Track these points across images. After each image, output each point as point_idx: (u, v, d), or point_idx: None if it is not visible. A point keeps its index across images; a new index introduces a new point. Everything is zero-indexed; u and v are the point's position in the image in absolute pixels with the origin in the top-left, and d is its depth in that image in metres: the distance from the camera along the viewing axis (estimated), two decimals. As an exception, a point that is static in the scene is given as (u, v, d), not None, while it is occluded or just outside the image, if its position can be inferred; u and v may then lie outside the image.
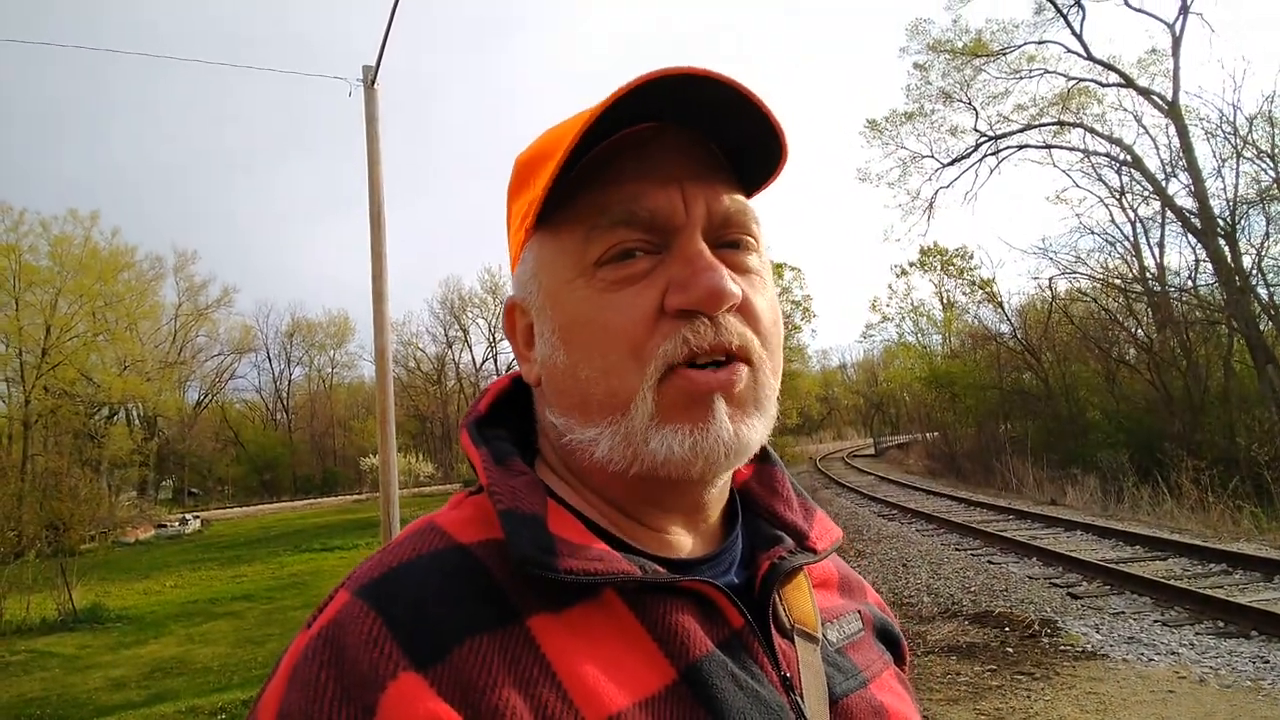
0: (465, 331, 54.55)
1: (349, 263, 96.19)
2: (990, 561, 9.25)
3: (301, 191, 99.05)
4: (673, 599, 0.56)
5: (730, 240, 0.59)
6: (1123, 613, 6.63)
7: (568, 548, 0.53)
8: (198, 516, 32.17)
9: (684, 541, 0.62)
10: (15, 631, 10.76)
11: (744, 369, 0.57)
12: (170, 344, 48.45)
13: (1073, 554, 8.89)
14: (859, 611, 0.72)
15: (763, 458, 0.74)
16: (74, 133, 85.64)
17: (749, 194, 0.63)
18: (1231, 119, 19.34)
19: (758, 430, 0.58)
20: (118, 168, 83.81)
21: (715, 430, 0.55)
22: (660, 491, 0.59)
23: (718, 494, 0.64)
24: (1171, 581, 7.25)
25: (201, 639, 10.08)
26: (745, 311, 0.58)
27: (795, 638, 0.62)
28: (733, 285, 0.55)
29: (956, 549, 10.33)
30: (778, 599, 0.63)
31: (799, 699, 0.57)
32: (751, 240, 0.61)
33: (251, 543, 23.37)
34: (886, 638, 0.75)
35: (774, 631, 0.60)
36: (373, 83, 9.49)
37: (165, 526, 28.90)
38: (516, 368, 0.69)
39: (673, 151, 0.58)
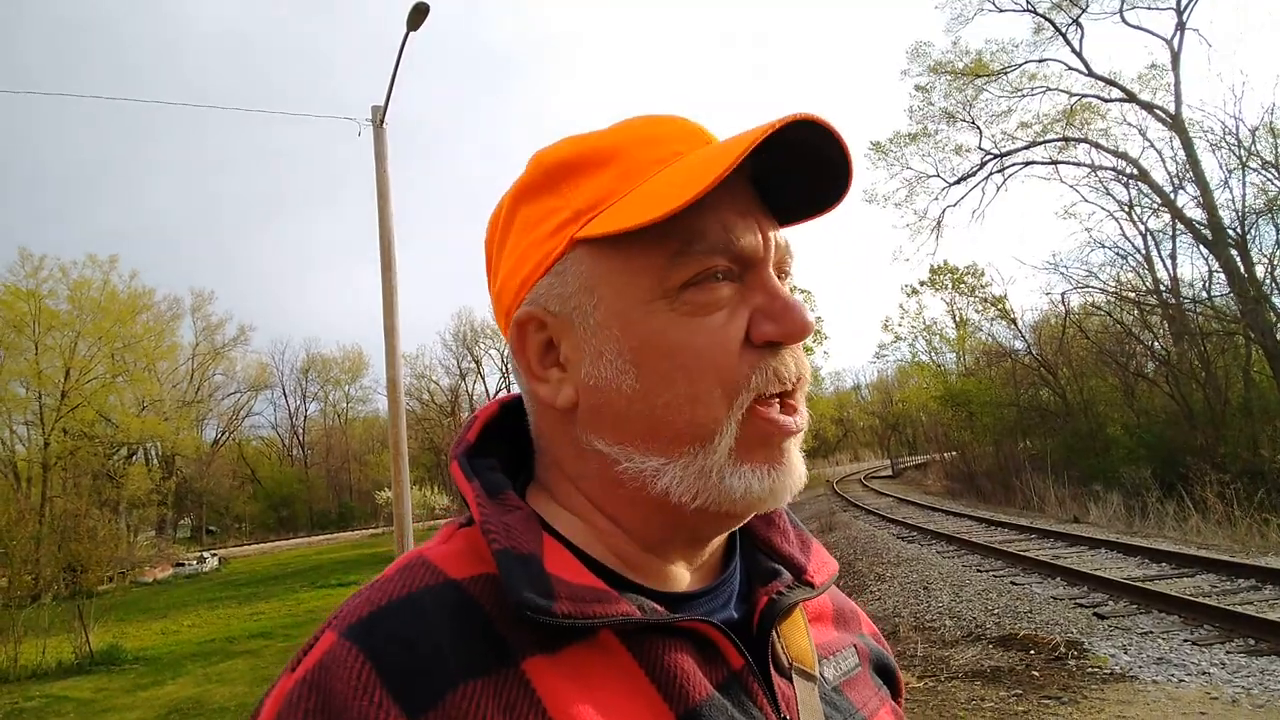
0: (478, 363, 54.88)
1: (363, 297, 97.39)
2: (1013, 582, 9.09)
3: (316, 230, 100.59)
4: (671, 639, 0.54)
5: (782, 272, 0.61)
6: (1151, 632, 6.48)
7: (565, 588, 0.52)
8: (215, 554, 32.29)
9: (683, 574, 0.61)
10: (30, 676, 10.77)
11: (804, 413, 0.59)
12: (188, 383, 48.98)
13: (1098, 573, 8.72)
14: (855, 646, 0.71)
15: None
16: (92, 182, 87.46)
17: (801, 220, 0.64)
18: (1235, 131, 19.35)
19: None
20: (134, 214, 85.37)
21: (791, 470, 0.57)
22: (700, 524, 0.58)
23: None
24: (1200, 599, 7.09)
25: (219, 678, 10.05)
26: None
27: (794, 677, 0.60)
28: (811, 318, 0.57)
29: (978, 570, 10.16)
30: (776, 636, 0.61)
31: None
32: (792, 274, 0.63)
33: (269, 580, 23.39)
34: (882, 671, 0.73)
35: (772, 671, 0.59)
36: (381, 122, 9.65)
37: (183, 565, 29.01)
38: None
39: (745, 183, 0.58)
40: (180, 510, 49.22)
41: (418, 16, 8.98)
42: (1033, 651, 6.39)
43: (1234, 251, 19.45)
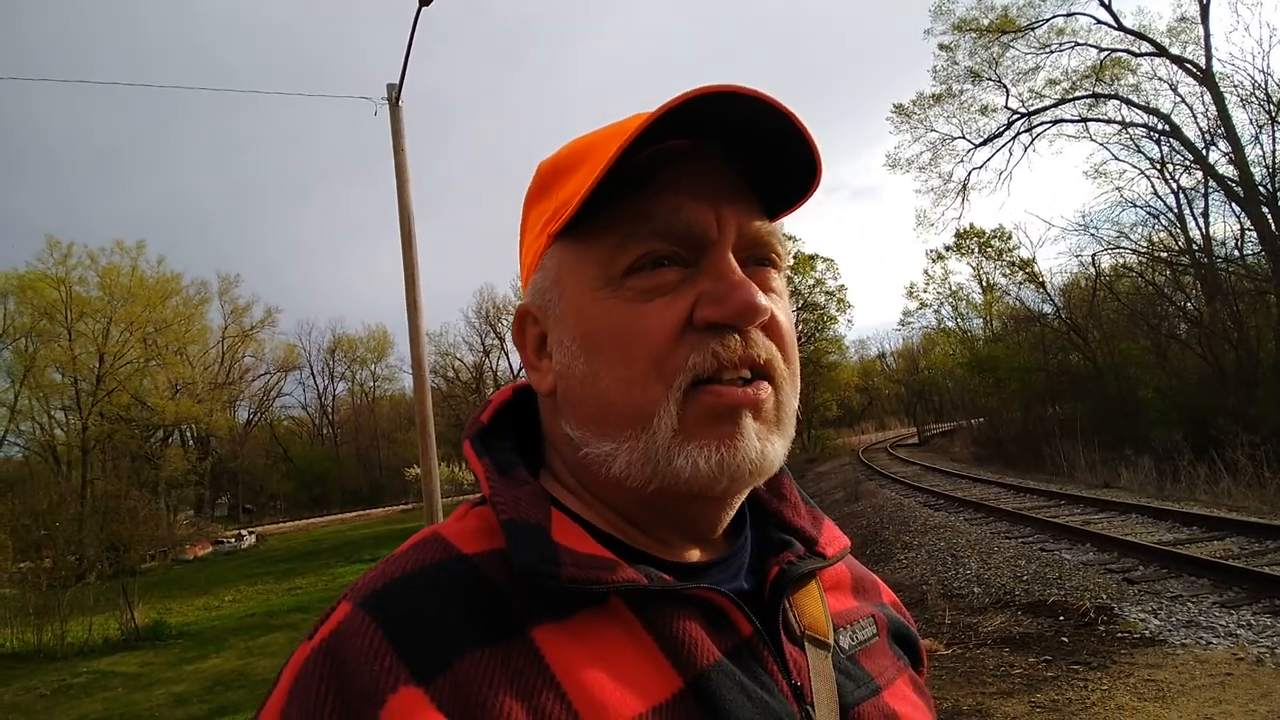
0: (501, 340, 55.04)
1: (386, 276, 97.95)
2: (1042, 549, 9.03)
3: (338, 210, 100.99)
4: (680, 607, 0.55)
5: (758, 258, 0.60)
6: (1180, 596, 6.43)
7: (571, 556, 0.53)
8: (253, 532, 32.93)
9: (692, 547, 0.62)
10: (78, 653, 11.09)
11: (769, 387, 0.57)
12: (218, 365, 49.71)
13: (1128, 538, 8.64)
14: (873, 615, 0.71)
15: None
16: (113, 167, 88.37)
17: (772, 218, 0.63)
18: (1264, 85, 18.78)
19: (779, 449, 0.58)
20: (155, 199, 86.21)
21: (743, 448, 0.54)
22: (676, 508, 0.59)
23: (732, 511, 0.63)
24: (1230, 561, 7.03)
25: (260, 651, 10.33)
26: (771, 329, 0.58)
27: (806, 645, 0.61)
28: (765, 300, 0.55)
29: (1007, 537, 10.11)
30: (788, 605, 0.62)
31: (809, 708, 0.56)
32: (777, 259, 0.61)
33: (305, 555, 23.89)
34: (903, 641, 0.73)
35: (784, 639, 0.60)
36: (397, 100, 9.64)
37: (222, 543, 29.68)
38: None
39: (706, 170, 0.58)
40: (217, 490, 50.27)
41: (431, -8, 8.91)
42: (1062, 617, 6.38)
43: (1265, 209, 18.94)
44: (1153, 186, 22.81)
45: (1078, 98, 24.23)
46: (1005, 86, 25.35)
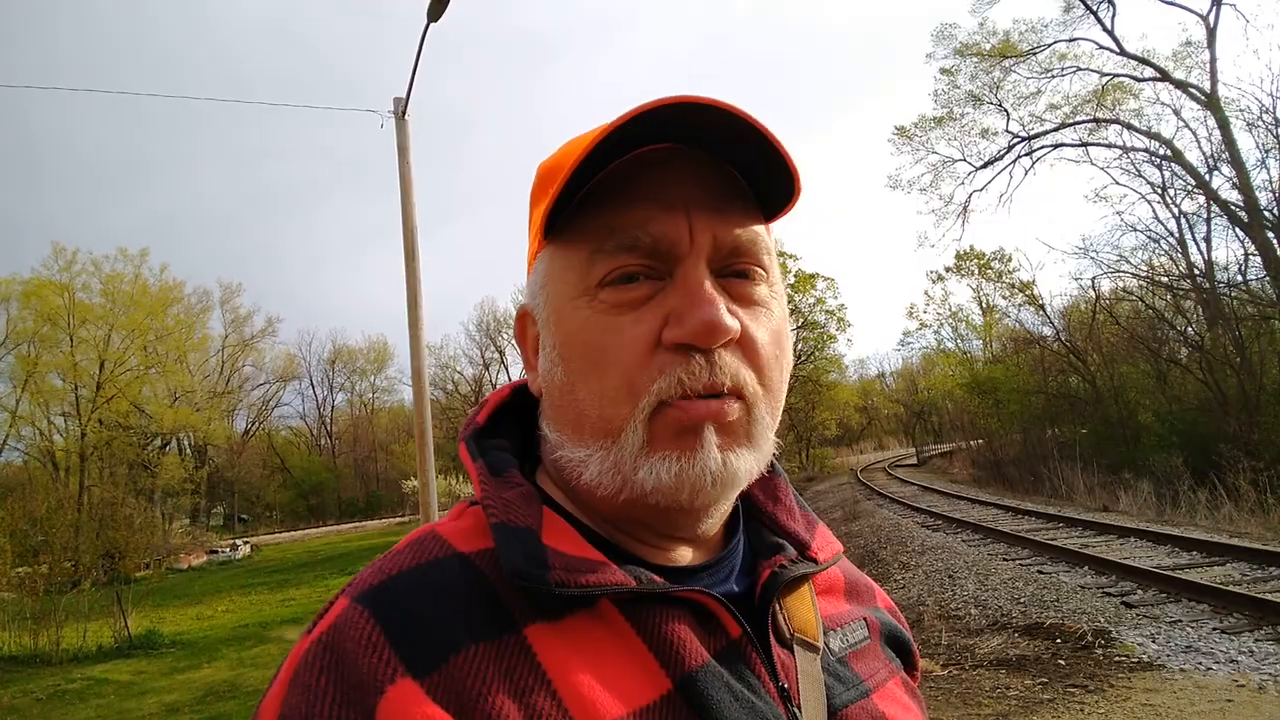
0: (501, 353, 55.08)
1: (388, 288, 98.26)
2: (1040, 571, 9.01)
3: (341, 221, 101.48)
4: (669, 609, 0.56)
5: (737, 270, 0.59)
6: (1179, 621, 6.41)
7: (560, 559, 0.54)
8: (248, 542, 32.83)
9: (683, 551, 0.63)
10: (72, 659, 11.07)
11: (736, 402, 0.56)
12: (218, 374, 49.74)
13: (1126, 561, 8.60)
14: (865, 619, 0.71)
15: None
16: (117, 176, 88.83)
17: (770, 219, 0.62)
18: (1272, 109, 18.85)
19: (747, 462, 0.57)
20: (159, 207, 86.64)
21: (702, 458, 0.54)
22: (651, 518, 0.60)
23: (716, 519, 0.63)
24: (1230, 587, 6.99)
25: (253, 662, 10.26)
26: (744, 345, 0.57)
27: (794, 647, 0.61)
28: (729, 320, 0.54)
29: (1004, 559, 10.08)
30: (778, 608, 0.63)
31: (796, 710, 0.57)
32: (760, 271, 0.60)
33: (299, 567, 23.77)
34: (896, 644, 0.74)
35: (773, 641, 0.60)
36: (403, 114, 9.70)
37: (217, 552, 29.56)
38: None
39: (686, 176, 0.57)
40: (213, 499, 50.12)
41: (438, 8, 8.99)
42: (1059, 640, 6.35)
43: (1270, 233, 18.99)
44: (1153, 211, 23.01)
45: (1078, 122, 24.36)
46: (1006, 110, 25.50)
